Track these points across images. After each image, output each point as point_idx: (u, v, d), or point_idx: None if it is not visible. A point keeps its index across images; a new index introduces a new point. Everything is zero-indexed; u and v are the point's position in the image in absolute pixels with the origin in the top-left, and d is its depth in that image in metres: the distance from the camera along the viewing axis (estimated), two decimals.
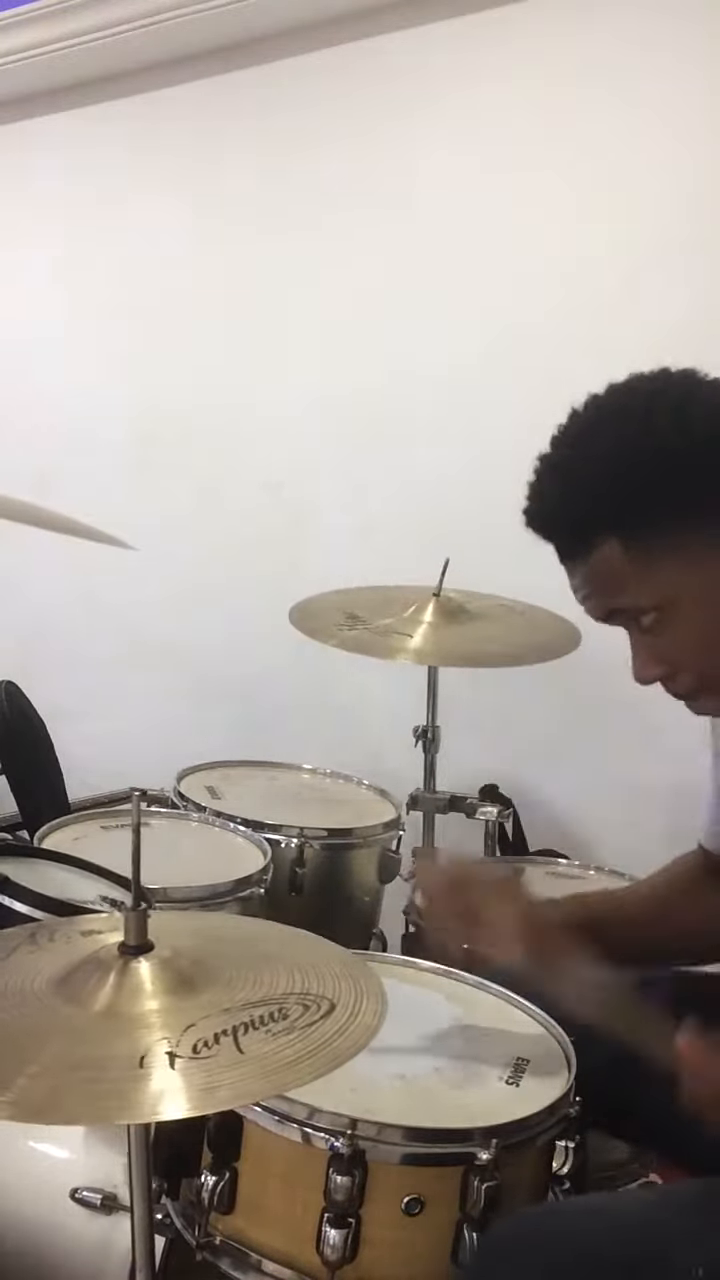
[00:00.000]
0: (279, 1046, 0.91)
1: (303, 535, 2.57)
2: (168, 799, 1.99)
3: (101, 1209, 1.26)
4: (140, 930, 0.99)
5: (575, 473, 1.08)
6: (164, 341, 2.75)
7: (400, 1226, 1.10)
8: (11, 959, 1.04)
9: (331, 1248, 1.09)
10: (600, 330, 2.14)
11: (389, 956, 1.57)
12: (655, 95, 2.12)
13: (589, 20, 2.16)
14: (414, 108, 2.37)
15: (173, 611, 2.77)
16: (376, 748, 2.33)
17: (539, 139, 2.24)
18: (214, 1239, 1.17)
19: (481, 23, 2.27)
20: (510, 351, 2.28)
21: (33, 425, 2.94)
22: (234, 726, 2.60)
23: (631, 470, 1.04)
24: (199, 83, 2.63)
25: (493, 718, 2.28)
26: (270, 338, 2.59)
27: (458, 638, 1.91)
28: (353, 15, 2.39)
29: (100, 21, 2.54)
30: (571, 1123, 1.18)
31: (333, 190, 2.48)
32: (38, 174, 2.92)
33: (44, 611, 2.96)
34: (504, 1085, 1.22)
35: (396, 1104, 1.16)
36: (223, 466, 2.69)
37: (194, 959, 1.01)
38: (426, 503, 2.40)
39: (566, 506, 1.09)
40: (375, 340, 2.46)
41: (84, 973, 0.99)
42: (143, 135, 2.74)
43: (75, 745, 2.42)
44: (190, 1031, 0.91)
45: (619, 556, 1.05)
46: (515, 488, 2.49)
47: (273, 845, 1.83)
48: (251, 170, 2.59)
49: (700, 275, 2.06)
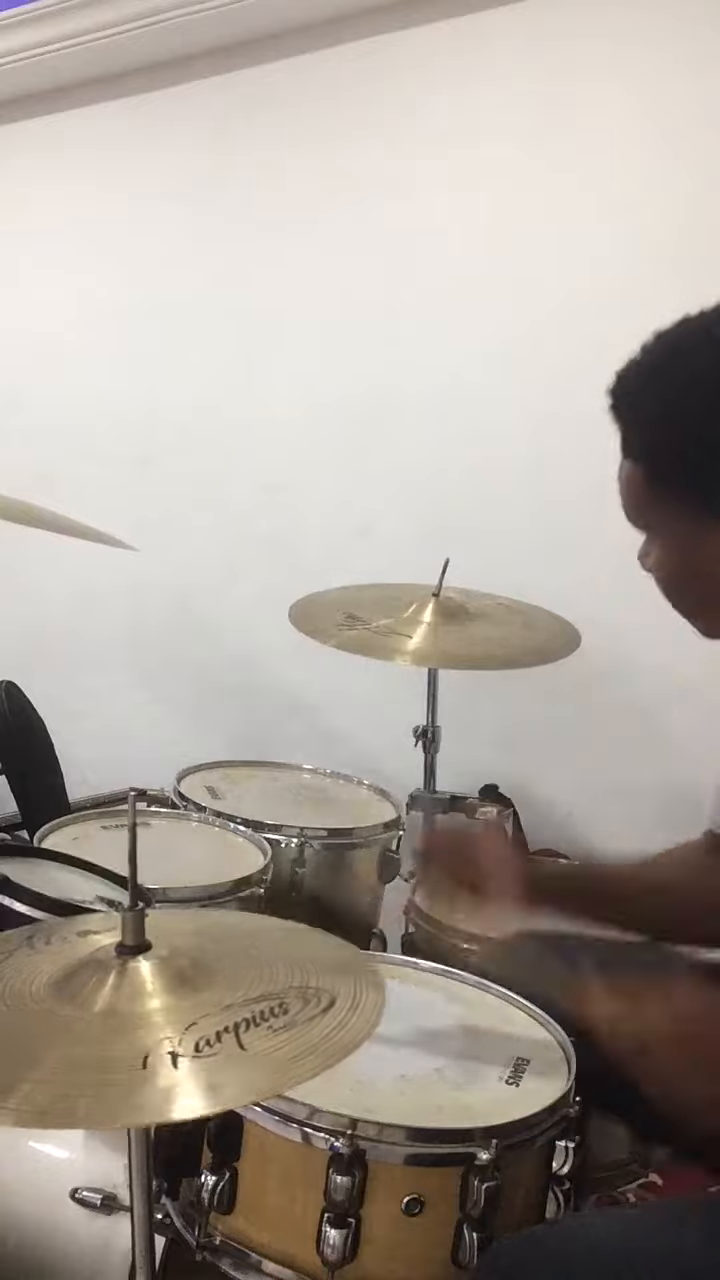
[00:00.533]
0: (281, 1042, 0.91)
1: (303, 535, 2.57)
2: (168, 799, 1.99)
3: (101, 1209, 1.26)
4: (138, 930, 0.99)
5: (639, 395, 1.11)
6: (164, 341, 2.75)
7: (400, 1226, 1.11)
8: (10, 962, 1.04)
9: (331, 1248, 1.09)
10: (600, 330, 2.14)
11: (389, 956, 1.57)
12: (655, 95, 2.12)
13: (589, 21, 2.16)
14: (414, 107, 2.37)
15: (173, 611, 2.76)
16: (376, 748, 2.33)
17: (539, 139, 2.24)
18: (214, 1239, 1.17)
19: (481, 22, 2.27)
20: (510, 351, 2.28)
21: (33, 425, 2.94)
22: (234, 726, 2.60)
23: (672, 428, 1.08)
24: (199, 83, 2.63)
25: (493, 718, 2.28)
26: (270, 337, 2.59)
27: (457, 638, 1.91)
28: (353, 15, 2.39)
29: (100, 21, 2.54)
30: (571, 1123, 1.18)
31: (332, 190, 2.48)
32: (38, 174, 2.92)
33: (44, 611, 2.96)
34: (504, 1085, 1.22)
35: (397, 1104, 1.16)
36: (223, 466, 2.69)
37: (192, 957, 1.01)
38: (426, 503, 2.40)
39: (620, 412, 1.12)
40: (375, 340, 2.46)
41: (83, 974, 0.98)
42: (143, 135, 2.74)
43: (75, 745, 2.42)
44: (192, 1030, 0.91)
45: (640, 480, 1.12)
46: (515, 488, 2.51)
47: (273, 845, 1.84)
48: (251, 170, 2.59)
49: (700, 275, 2.06)
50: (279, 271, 2.56)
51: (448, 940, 1.63)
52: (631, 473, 1.12)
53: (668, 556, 1.13)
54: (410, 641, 1.88)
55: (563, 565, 2.18)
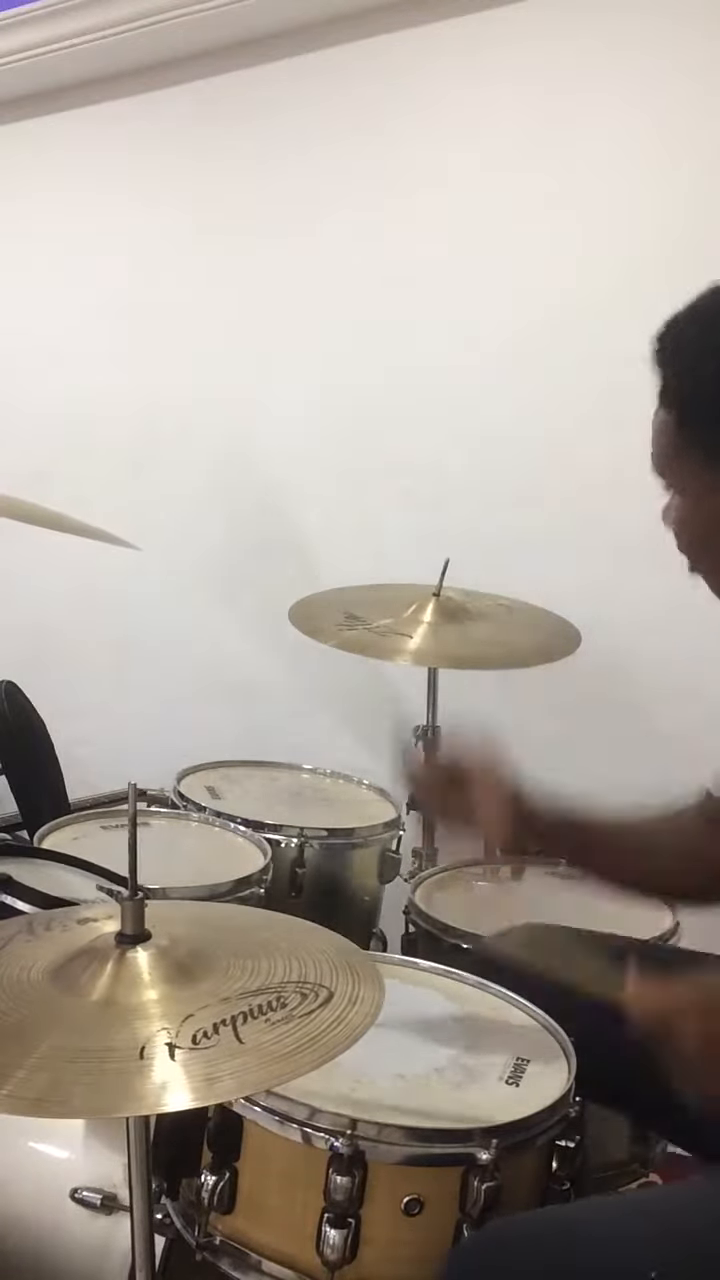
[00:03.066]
0: (278, 1035, 0.91)
1: (303, 535, 2.56)
2: (168, 799, 1.99)
3: (101, 1209, 1.26)
4: (137, 919, 0.99)
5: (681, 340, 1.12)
6: (164, 341, 2.75)
7: (400, 1227, 1.10)
8: (8, 949, 1.04)
9: (331, 1248, 1.09)
10: (600, 330, 2.15)
11: (389, 956, 1.56)
12: (655, 96, 2.12)
13: (589, 22, 2.16)
14: (414, 107, 2.37)
15: (173, 611, 2.76)
16: (376, 748, 2.33)
17: (539, 140, 2.23)
18: (214, 1239, 1.17)
19: (481, 23, 2.27)
20: (510, 351, 2.28)
21: (33, 425, 2.94)
22: (234, 726, 2.60)
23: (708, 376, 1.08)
24: (198, 83, 2.63)
25: (493, 718, 2.27)
26: (270, 337, 2.59)
27: (457, 638, 1.91)
28: (353, 15, 2.39)
29: (100, 21, 2.54)
30: (572, 1123, 1.18)
31: (332, 189, 2.48)
32: (38, 174, 2.92)
33: (44, 611, 2.96)
34: (504, 1085, 1.21)
35: (397, 1104, 1.16)
36: (222, 466, 2.69)
37: (191, 948, 1.01)
38: (426, 503, 2.40)
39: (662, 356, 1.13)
40: (374, 340, 2.46)
41: (81, 962, 0.98)
42: (142, 135, 2.74)
43: (75, 745, 2.42)
44: (189, 1022, 0.91)
45: (671, 428, 1.12)
46: (516, 488, 2.50)
47: (273, 845, 1.83)
48: (251, 170, 2.59)
49: (701, 276, 2.06)
50: (279, 271, 2.56)
51: (448, 940, 1.63)
52: (665, 420, 1.13)
53: (689, 512, 1.14)
54: (410, 641, 1.88)
55: (563, 565, 2.18)
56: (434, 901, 1.71)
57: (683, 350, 1.11)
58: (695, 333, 1.11)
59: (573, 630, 1.91)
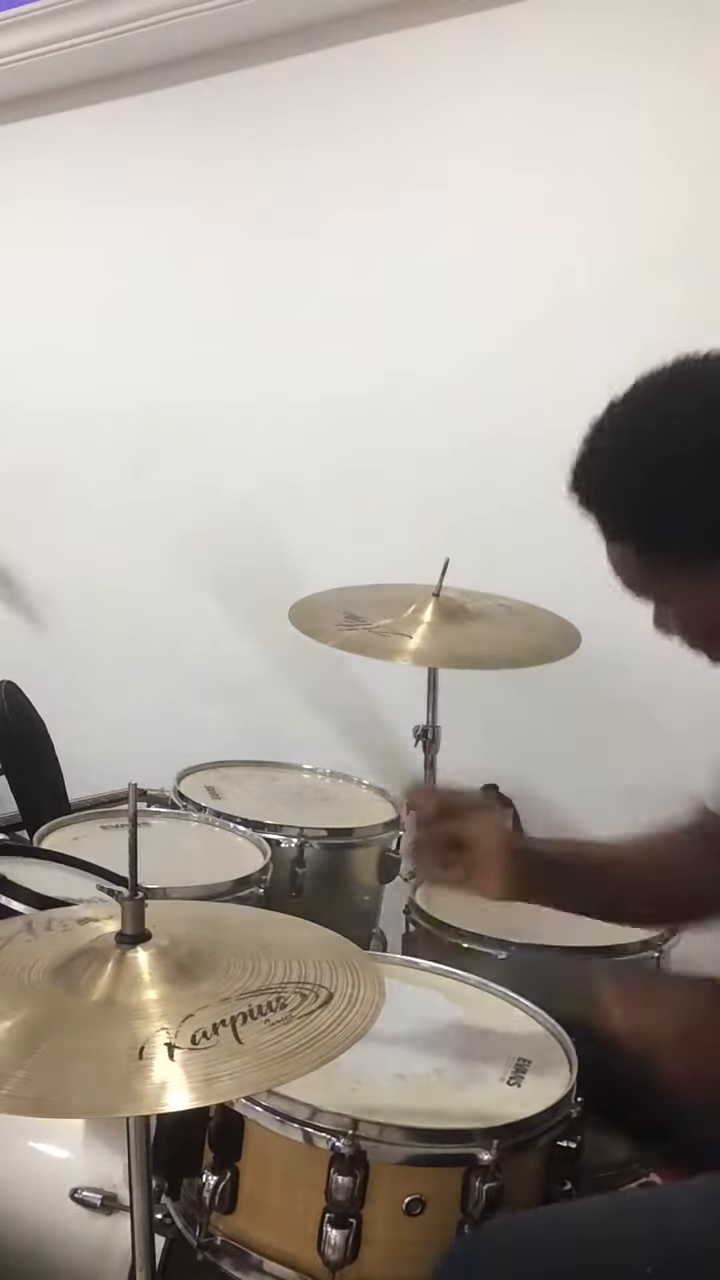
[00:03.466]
0: (278, 1036, 0.91)
1: (303, 534, 2.56)
2: (168, 799, 1.98)
3: (101, 1209, 1.26)
4: (137, 919, 0.99)
5: (605, 478, 1.11)
6: (164, 341, 2.75)
7: (401, 1227, 1.10)
8: (8, 949, 1.04)
9: (333, 1248, 1.09)
10: (600, 331, 2.14)
11: (389, 956, 1.56)
12: (655, 96, 2.11)
13: (589, 22, 2.16)
14: (414, 107, 2.37)
15: (173, 611, 2.76)
16: (376, 748, 2.33)
17: (539, 140, 2.23)
18: (215, 1239, 1.17)
19: (481, 24, 2.27)
20: (510, 351, 2.28)
21: (33, 425, 2.94)
22: (234, 726, 2.60)
23: (651, 502, 1.07)
24: (199, 83, 2.63)
25: (493, 718, 2.28)
26: (270, 337, 2.59)
27: (457, 638, 1.91)
28: (353, 15, 2.39)
29: (100, 21, 2.54)
30: (573, 1123, 1.18)
31: (332, 189, 2.48)
32: (38, 174, 2.92)
33: (44, 610, 2.96)
34: (505, 1086, 1.22)
35: (398, 1104, 1.16)
36: (222, 466, 2.69)
37: (191, 948, 1.01)
38: (427, 503, 2.40)
39: (595, 503, 1.12)
40: (375, 340, 2.45)
41: (81, 962, 0.98)
42: (143, 135, 2.74)
43: (75, 745, 2.42)
44: (189, 1022, 0.91)
45: (634, 558, 1.10)
46: (515, 488, 2.50)
47: (273, 845, 1.83)
48: (251, 170, 2.59)
49: (700, 276, 2.06)
50: (279, 271, 2.56)
51: (448, 940, 1.63)
52: (623, 553, 1.11)
53: (689, 614, 1.12)
54: (410, 641, 1.88)
55: (563, 565, 2.18)
56: (434, 901, 1.71)
57: (599, 486, 1.11)
58: (605, 465, 1.11)
59: (573, 630, 1.91)
